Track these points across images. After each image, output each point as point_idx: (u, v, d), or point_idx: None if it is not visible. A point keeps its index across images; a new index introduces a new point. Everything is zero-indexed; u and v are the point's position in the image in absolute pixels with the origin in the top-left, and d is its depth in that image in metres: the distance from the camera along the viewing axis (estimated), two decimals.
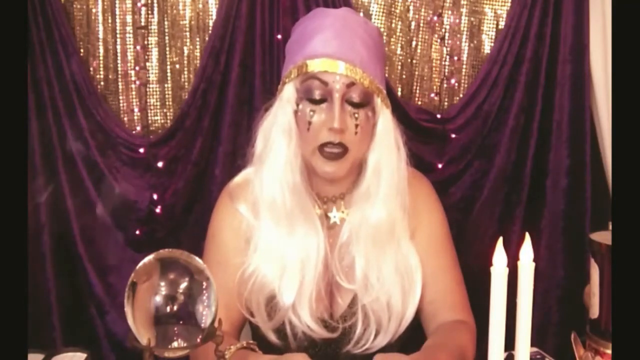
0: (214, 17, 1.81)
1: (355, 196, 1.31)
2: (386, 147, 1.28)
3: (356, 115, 1.24)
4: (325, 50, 1.23)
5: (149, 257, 0.93)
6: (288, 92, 1.27)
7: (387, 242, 1.30)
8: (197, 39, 1.82)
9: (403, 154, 1.30)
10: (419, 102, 1.91)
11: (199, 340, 0.92)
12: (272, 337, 1.31)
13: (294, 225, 1.28)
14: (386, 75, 1.83)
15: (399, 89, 1.89)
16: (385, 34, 1.86)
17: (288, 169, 1.27)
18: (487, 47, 1.90)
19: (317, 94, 1.24)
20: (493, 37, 1.89)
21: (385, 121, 1.28)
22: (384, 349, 1.29)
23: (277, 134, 1.27)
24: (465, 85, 1.91)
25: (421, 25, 1.88)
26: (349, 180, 1.33)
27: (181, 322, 0.91)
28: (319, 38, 1.24)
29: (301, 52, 1.26)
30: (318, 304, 1.29)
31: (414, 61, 1.90)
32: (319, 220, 1.30)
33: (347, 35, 1.24)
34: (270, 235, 1.29)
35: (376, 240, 1.29)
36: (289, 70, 1.28)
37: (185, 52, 1.83)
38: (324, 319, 1.31)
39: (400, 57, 1.89)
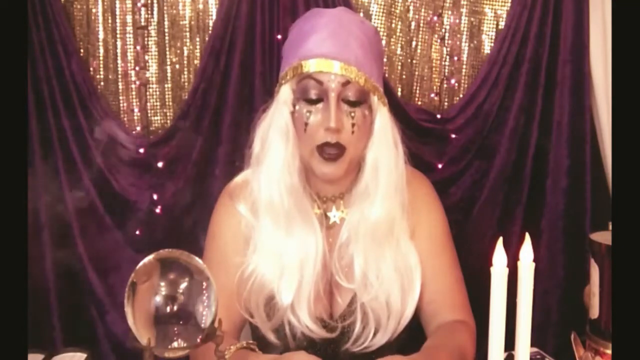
0: (214, 17, 1.81)
1: (354, 195, 1.31)
2: (384, 145, 1.28)
3: (352, 114, 1.24)
4: (320, 50, 1.23)
5: (149, 257, 0.93)
6: (284, 94, 1.27)
7: (386, 241, 1.30)
8: (197, 39, 1.83)
9: (401, 152, 1.30)
10: (419, 102, 1.91)
11: (199, 340, 0.92)
12: (272, 338, 1.31)
13: (292, 226, 1.28)
14: (386, 75, 1.83)
15: (399, 89, 1.89)
16: (385, 34, 1.86)
17: (285, 171, 1.27)
18: (487, 47, 1.90)
19: (312, 94, 1.24)
20: (493, 37, 1.89)
21: (383, 119, 1.28)
22: (383, 348, 1.29)
23: (275, 136, 1.27)
24: (465, 85, 1.91)
25: (421, 25, 1.88)
26: (347, 180, 1.33)
27: (181, 322, 0.91)
28: (313, 38, 1.24)
29: (296, 52, 1.26)
30: (317, 304, 1.29)
31: (414, 61, 1.90)
32: (319, 220, 1.31)
33: (341, 35, 1.24)
34: (269, 236, 1.29)
35: (375, 239, 1.29)
36: (284, 72, 1.28)
37: (185, 52, 1.83)
38: (322, 319, 1.31)
39: (400, 57, 1.89)
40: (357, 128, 1.24)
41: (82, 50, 1.80)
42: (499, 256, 0.87)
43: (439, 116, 1.88)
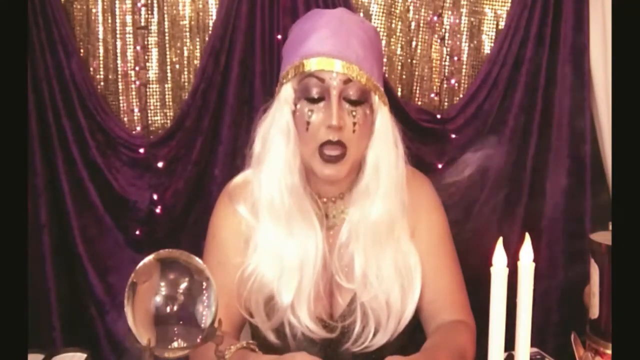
0: (214, 17, 1.81)
1: (355, 195, 1.31)
2: (384, 145, 1.28)
3: (354, 113, 1.25)
4: (322, 48, 1.23)
5: (149, 257, 0.93)
6: (286, 93, 1.28)
7: (387, 240, 1.30)
8: (197, 39, 1.83)
9: (401, 152, 1.30)
10: (419, 103, 1.91)
11: (199, 340, 0.92)
12: (272, 338, 1.31)
13: (293, 225, 1.28)
14: (386, 75, 1.83)
15: (399, 89, 1.89)
16: (385, 34, 1.86)
17: (287, 170, 1.27)
18: (487, 47, 1.90)
19: (314, 92, 1.24)
20: (493, 37, 1.89)
21: (383, 118, 1.28)
22: (383, 348, 1.29)
23: (276, 135, 1.27)
24: (465, 86, 1.91)
25: (421, 25, 1.88)
26: (348, 180, 1.33)
27: (181, 322, 0.91)
28: (314, 37, 1.25)
29: (298, 52, 1.26)
30: (317, 304, 1.29)
31: (414, 61, 1.90)
32: (319, 220, 1.31)
33: (342, 34, 1.24)
34: (269, 236, 1.29)
35: (375, 238, 1.29)
36: (286, 71, 1.28)
37: (185, 52, 1.83)
38: (322, 320, 1.31)
39: (400, 57, 1.89)
40: (358, 127, 1.25)
41: (82, 50, 1.80)
42: (499, 256, 0.87)
43: (439, 116, 1.88)
